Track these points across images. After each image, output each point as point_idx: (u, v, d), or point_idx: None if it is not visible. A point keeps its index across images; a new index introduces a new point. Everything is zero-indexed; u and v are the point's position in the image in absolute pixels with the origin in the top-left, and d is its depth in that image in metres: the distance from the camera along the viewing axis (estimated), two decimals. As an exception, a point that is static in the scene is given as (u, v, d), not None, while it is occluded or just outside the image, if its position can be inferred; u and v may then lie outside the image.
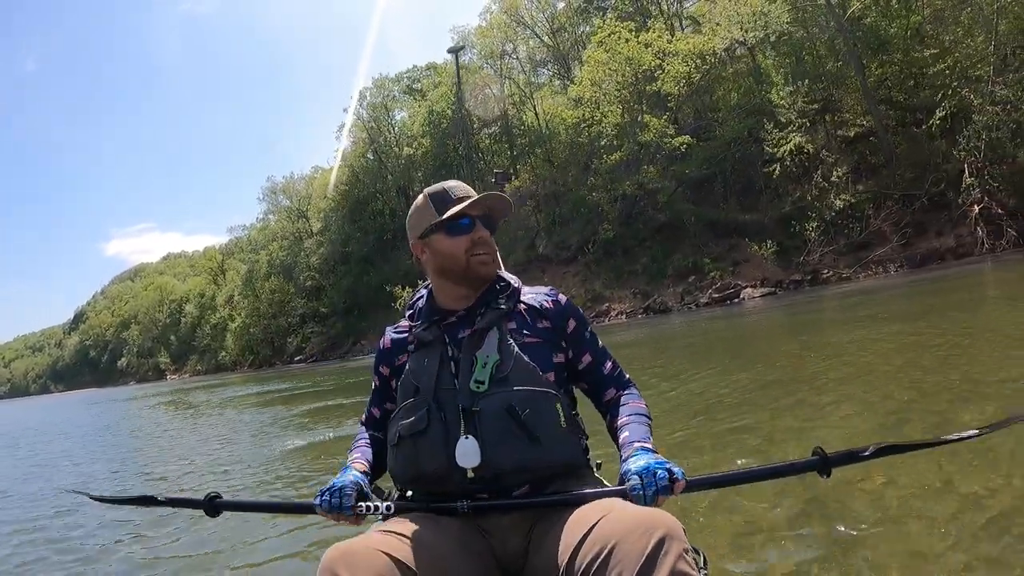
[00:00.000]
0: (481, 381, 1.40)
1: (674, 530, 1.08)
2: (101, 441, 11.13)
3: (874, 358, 5.83)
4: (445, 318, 1.55)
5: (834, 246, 21.61)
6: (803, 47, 26.68)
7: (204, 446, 7.96)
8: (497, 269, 1.57)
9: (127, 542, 3.77)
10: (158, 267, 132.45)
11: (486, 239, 1.52)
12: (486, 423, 1.36)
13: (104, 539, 3.91)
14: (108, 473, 6.83)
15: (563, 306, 1.58)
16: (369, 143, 50.89)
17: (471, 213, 1.50)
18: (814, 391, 4.83)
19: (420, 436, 1.40)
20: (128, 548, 3.64)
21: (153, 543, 3.64)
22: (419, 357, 1.51)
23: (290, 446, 6.41)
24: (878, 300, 12.72)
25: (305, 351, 47.42)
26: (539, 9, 41.94)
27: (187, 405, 17.44)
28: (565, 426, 1.41)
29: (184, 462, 6.73)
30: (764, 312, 16.05)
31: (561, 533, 1.23)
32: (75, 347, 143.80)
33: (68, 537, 4.11)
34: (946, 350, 5.46)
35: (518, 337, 1.48)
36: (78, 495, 3.60)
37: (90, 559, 3.55)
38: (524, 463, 1.36)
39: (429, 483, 1.42)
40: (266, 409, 11.73)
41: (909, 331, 7.17)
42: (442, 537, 1.29)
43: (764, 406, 4.60)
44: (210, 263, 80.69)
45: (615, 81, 26.93)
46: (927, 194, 21.08)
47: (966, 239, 19.84)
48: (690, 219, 25.69)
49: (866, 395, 4.40)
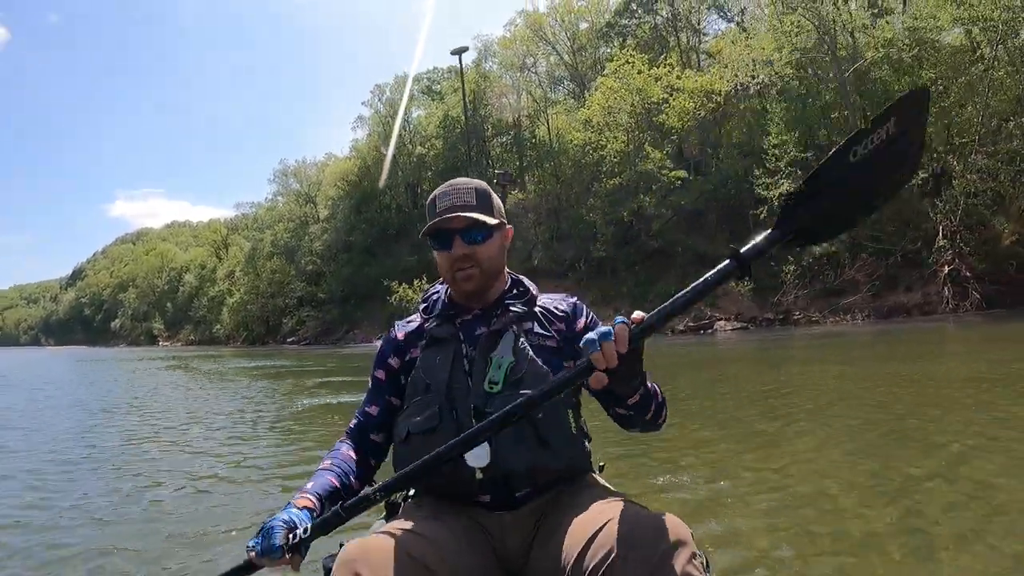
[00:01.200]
0: (495, 382, 1.40)
1: (684, 534, 1.10)
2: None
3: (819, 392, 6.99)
4: (460, 315, 1.56)
5: (808, 290, 22.75)
6: (807, 95, 27.86)
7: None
8: (486, 279, 1.53)
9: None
10: (161, 233, 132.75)
11: (468, 254, 1.49)
12: None
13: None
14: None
15: (576, 307, 1.59)
16: (384, 138, 52.01)
17: (451, 228, 1.49)
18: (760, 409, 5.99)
19: (431, 434, 1.39)
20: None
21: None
22: (431, 353, 1.50)
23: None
24: (839, 344, 13.94)
25: (299, 333, 48.35)
26: (562, 28, 43.09)
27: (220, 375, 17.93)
28: (575, 432, 1.43)
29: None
30: (732, 345, 17.20)
31: (567, 533, 1.23)
32: (71, 303, 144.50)
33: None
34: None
35: (534, 340, 1.48)
36: None
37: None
38: (533, 467, 1.36)
39: (436, 482, 1.41)
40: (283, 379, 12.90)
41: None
42: (449, 534, 1.29)
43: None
44: (214, 235, 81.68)
45: (624, 110, 28.12)
46: (902, 250, 22.24)
47: (932, 297, 20.94)
48: (678, 249, 26.86)
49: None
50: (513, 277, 1.64)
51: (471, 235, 1.49)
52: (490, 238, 1.52)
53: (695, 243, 27.18)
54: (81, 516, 3.97)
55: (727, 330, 21.75)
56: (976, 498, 3.16)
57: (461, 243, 1.48)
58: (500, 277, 1.59)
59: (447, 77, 53.27)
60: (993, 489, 3.30)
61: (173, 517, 3.82)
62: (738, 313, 23.07)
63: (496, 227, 1.54)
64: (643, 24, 40.29)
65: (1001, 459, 3.84)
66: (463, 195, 1.50)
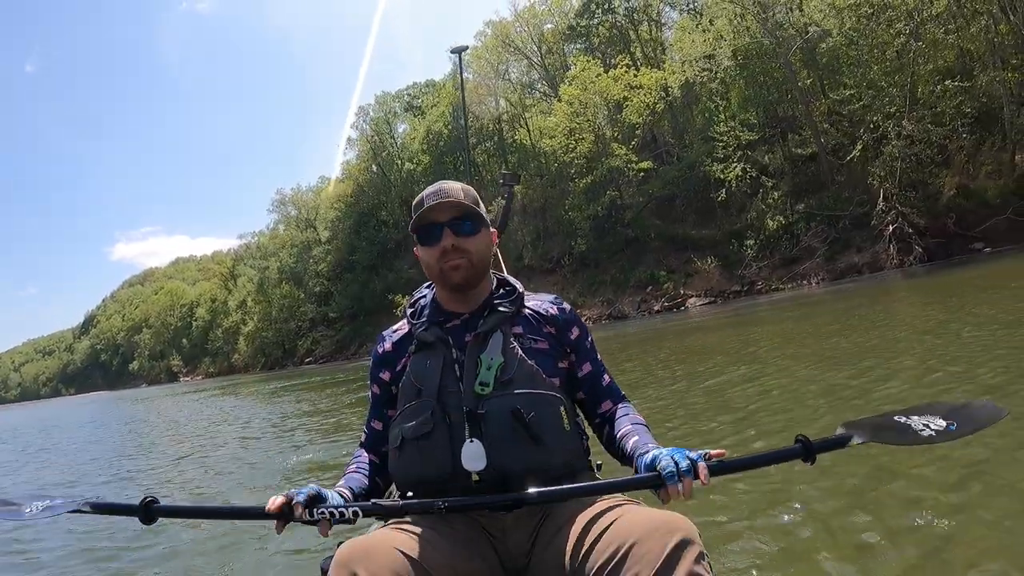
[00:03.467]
0: (485, 384, 1.40)
1: (691, 533, 1.11)
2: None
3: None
4: (448, 320, 1.55)
5: (767, 261, 25.09)
6: (754, 78, 29.88)
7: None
8: (475, 272, 1.53)
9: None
10: (167, 271, 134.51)
11: (458, 245, 1.48)
12: (491, 426, 1.37)
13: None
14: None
15: (568, 314, 1.59)
16: (372, 157, 54.12)
17: (440, 220, 1.49)
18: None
19: (425, 439, 1.39)
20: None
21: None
22: (421, 359, 1.50)
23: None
24: (801, 306, 16.18)
25: (315, 353, 50.93)
26: (528, 34, 45.04)
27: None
28: (569, 430, 1.43)
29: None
30: (699, 318, 19.45)
31: (570, 533, 1.25)
32: (86, 351, 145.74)
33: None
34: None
35: (524, 342, 1.49)
36: None
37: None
38: (529, 466, 1.36)
39: (433, 486, 1.39)
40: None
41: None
42: (449, 535, 1.30)
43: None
44: (220, 268, 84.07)
45: (587, 115, 30.53)
46: (850, 215, 24.53)
47: (880, 255, 23.20)
48: (651, 235, 29.38)
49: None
50: (499, 277, 1.64)
51: (460, 226, 1.49)
52: (478, 232, 1.52)
53: (666, 228, 29.59)
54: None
55: (698, 305, 24.12)
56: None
57: (450, 234, 1.48)
58: (487, 277, 1.59)
59: (426, 91, 55.36)
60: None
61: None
62: (708, 288, 25.47)
63: (483, 224, 1.54)
64: (603, 22, 42.40)
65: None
66: (450, 192, 1.50)
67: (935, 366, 5.23)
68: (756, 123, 28.71)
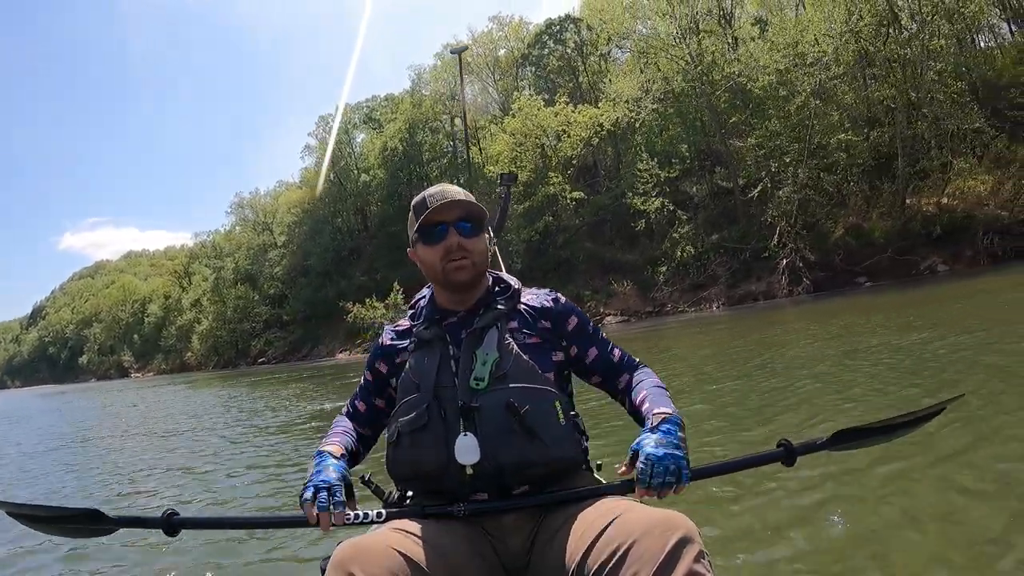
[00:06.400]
0: (480, 378, 1.42)
1: (691, 532, 1.11)
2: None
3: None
4: (446, 318, 1.58)
5: (677, 286, 28.10)
6: (690, 115, 32.93)
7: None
8: (477, 273, 1.56)
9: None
10: (119, 265, 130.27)
11: (462, 244, 1.52)
12: (485, 420, 1.39)
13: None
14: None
15: (563, 305, 1.63)
16: (331, 165, 55.56)
17: (445, 220, 1.52)
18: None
19: (420, 433, 1.42)
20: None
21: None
22: (419, 355, 1.53)
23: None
24: (702, 325, 19.07)
25: (268, 354, 52.33)
26: (483, 58, 47.70)
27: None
28: (564, 424, 1.43)
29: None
30: (615, 333, 22.12)
31: (570, 532, 1.26)
32: (33, 343, 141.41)
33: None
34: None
35: (519, 337, 1.52)
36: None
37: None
38: (523, 460, 1.38)
39: (428, 480, 1.42)
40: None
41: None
42: (449, 536, 1.30)
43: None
44: (174, 264, 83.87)
45: (528, 144, 33.46)
46: (751, 248, 27.71)
47: (774, 285, 26.36)
48: (580, 257, 32.34)
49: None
50: (494, 275, 1.68)
51: (465, 226, 1.53)
52: (480, 235, 1.56)
53: (596, 251, 32.56)
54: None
55: (613, 323, 27.01)
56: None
57: (455, 233, 1.51)
58: (484, 278, 1.63)
59: (384, 105, 57.01)
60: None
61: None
62: (624, 308, 28.45)
63: (484, 226, 1.58)
64: (553, 53, 45.36)
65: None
66: (455, 192, 1.54)
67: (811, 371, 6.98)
68: (688, 155, 31.89)
